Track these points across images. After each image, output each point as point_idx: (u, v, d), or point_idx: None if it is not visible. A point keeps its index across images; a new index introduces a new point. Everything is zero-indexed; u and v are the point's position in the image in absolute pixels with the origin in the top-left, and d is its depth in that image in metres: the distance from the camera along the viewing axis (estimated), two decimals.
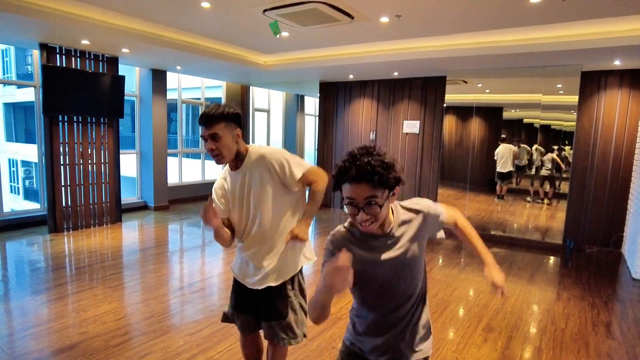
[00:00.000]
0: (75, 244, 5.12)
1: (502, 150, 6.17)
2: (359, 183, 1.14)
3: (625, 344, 3.03)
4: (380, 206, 1.17)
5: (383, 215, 1.21)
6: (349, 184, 1.16)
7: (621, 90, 5.43)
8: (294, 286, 1.96)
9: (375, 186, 1.14)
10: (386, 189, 1.17)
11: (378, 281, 1.31)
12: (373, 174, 1.13)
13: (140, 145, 7.21)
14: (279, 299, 1.91)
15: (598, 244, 5.66)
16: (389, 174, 1.16)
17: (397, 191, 1.22)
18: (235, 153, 1.81)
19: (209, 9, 4.13)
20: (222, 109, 1.73)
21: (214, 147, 1.74)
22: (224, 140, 1.74)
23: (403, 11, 4.02)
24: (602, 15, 3.93)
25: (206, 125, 1.72)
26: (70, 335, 2.89)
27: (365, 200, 1.15)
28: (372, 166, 1.14)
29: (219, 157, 1.77)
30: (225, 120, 1.73)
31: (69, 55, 5.46)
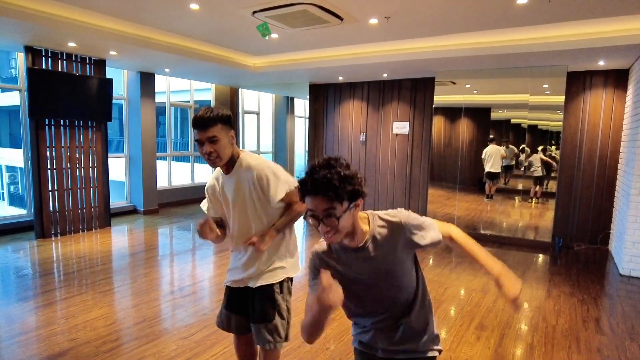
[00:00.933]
0: (63, 250, 5.03)
1: (490, 150, 6.24)
2: (316, 196, 1.17)
3: (615, 339, 3.08)
4: (337, 218, 1.18)
5: (344, 227, 1.21)
6: (308, 196, 1.19)
7: (606, 90, 5.53)
8: (283, 289, 1.97)
9: (330, 199, 1.16)
10: (344, 201, 1.18)
11: (359, 292, 1.33)
12: (328, 188, 1.14)
13: (128, 149, 7.14)
14: (266, 302, 1.92)
15: (586, 242, 5.75)
16: (346, 187, 1.16)
17: (359, 203, 1.23)
18: (230, 155, 1.81)
19: (197, 10, 4.11)
20: (217, 111, 1.72)
21: (211, 150, 1.72)
22: (221, 142, 1.73)
23: (392, 13, 4.04)
24: (586, 17, 4.00)
25: (203, 128, 1.70)
26: (60, 342, 2.84)
27: (323, 212, 1.17)
28: (328, 179, 1.15)
29: (216, 159, 1.76)
30: (222, 122, 1.72)
31: (55, 58, 5.38)
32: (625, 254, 4.54)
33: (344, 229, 1.22)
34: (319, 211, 1.18)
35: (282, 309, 1.95)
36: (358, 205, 1.24)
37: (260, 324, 1.92)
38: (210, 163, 1.77)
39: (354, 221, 1.25)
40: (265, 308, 1.92)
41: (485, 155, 6.28)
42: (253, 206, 1.87)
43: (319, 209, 1.18)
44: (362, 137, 7.52)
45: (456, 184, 6.49)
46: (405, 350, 1.38)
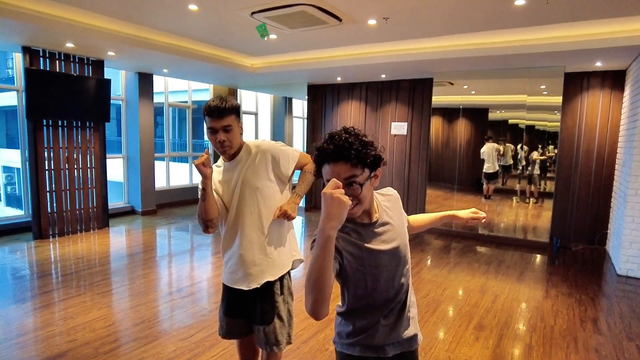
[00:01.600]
0: (61, 251, 5.02)
1: (486, 149, 6.25)
2: (337, 162, 1.13)
3: (612, 339, 3.09)
4: (361, 185, 1.14)
5: (366, 197, 1.18)
6: (328, 164, 1.15)
7: (603, 91, 5.56)
8: (283, 290, 1.94)
9: (353, 164, 1.13)
10: (366, 167, 1.15)
11: (375, 271, 1.26)
12: (350, 149, 1.12)
13: (127, 150, 7.12)
14: (265, 304, 1.90)
15: (583, 242, 5.77)
16: (367, 150, 1.14)
17: (379, 173, 1.21)
18: (239, 144, 1.87)
19: (196, 11, 4.11)
20: (231, 101, 1.78)
21: (225, 138, 1.77)
22: (234, 132, 1.80)
23: (390, 14, 4.05)
24: (584, 18, 4.02)
25: (219, 117, 1.75)
26: (58, 344, 2.83)
27: (345, 181, 1.13)
28: (350, 142, 1.13)
29: (229, 148, 1.81)
30: (235, 113, 1.80)
31: (53, 58, 5.37)
32: (622, 254, 4.56)
33: (366, 200, 1.18)
34: (340, 180, 1.12)
35: (281, 311, 1.92)
36: (377, 176, 1.21)
37: (260, 326, 1.90)
38: (221, 151, 1.82)
39: (371, 195, 1.22)
40: (265, 310, 1.90)
41: (483, 154, 6.29)
42: (257, 190, 1.85)
43: (339, 177, 1.13)
44: None
45: (454, 184, 6.51)
46: (409, 338, 1.36)
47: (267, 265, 1.89)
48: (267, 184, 1.87)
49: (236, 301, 1.97)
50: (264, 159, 1.86)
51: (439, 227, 6.46)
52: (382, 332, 1.31)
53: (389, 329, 1.32)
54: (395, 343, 1.34)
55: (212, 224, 1.85)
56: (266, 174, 1.86)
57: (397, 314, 1.33)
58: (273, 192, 1.89)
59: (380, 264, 1.27)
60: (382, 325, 1.31)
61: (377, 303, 1.30)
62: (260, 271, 1.88)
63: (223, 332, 2.03)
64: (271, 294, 1.91)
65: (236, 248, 1.90)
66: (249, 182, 1.85)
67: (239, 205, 1.87)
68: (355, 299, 1.30)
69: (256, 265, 1.88)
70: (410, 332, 1.36)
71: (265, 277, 1.88)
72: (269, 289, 1.91)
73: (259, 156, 1.86)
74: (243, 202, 1.86)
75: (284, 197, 1.95)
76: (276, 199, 1.90)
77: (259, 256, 1.88)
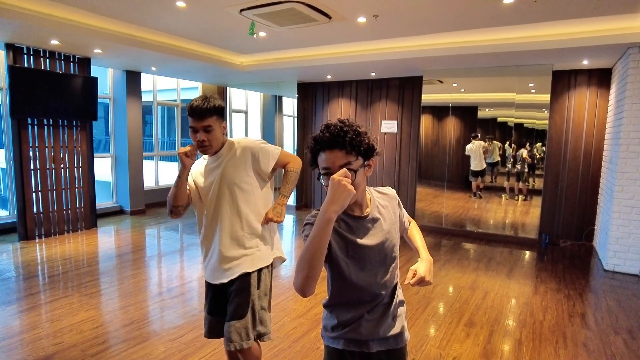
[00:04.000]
0: (48, 252, 4.93)
1: (472, 147, 6.28)
2: (333, 150, 1.19)
3: (600, 333, 3.13)
4: (355, 172, 1.18)
5: (359, 185, 1.22)
6: (323, 152, 1.20)
7: (589, 88, 5.63)
8: (260, 285, 1.93)
9: (348, 152, 1.18)
10: (360, 155, 1.21)
11: (360, 265, 1.28)
12: (345, 137, 1.17)
13: (114, 149, 7.03)
14: (240, 297, 1.88)
15: (571, 238, 5.84)
16: (362, 141, 1.20)
17: (372, 163, 1.26)
18: (220, 144, 1.89)
19: (184, 8, 4.06)
20: (213, 102, 1.80)
21: (205, 138, 1.81)
22: (215, 132, 1.83)
23: (380, 11, 4.05)
24: (571, 17, 4.06)
25: (200, 118, 1.78)
26: (45, 347, 2.78)
27: (339, 168, 1.17)
28: (345, 131, 1.18)
29: (208, 148, 1.84)
30: (217, 114, 1.82)
31: (38, 55, 5.27)
32: (609, 249, 4.62)
33: (360, 188, 1.23)
34: (335, 167, 1.18)
35: (255, 306, 1.89)
36: (371, 166, 1.26)
37: (231, 322, 1.85)
38: (201, 150, 1.85)
39: (364, 185, 1.27)
40: (239, 303, 1.87)
41: (468, 151, 6.32)
42: (237, 185, 1.87)
43: (335, 164, 1.19)
44: None
45: (444, 182, 6.54)
46: (395, 335, 1.37)
47: (245, 259, 1.90)
48: (246, 180, 1.89)
49: (219, 299, 1.97)
50: (243, 156, 1.89)
51: (430, 224, 6.49)
52: (366, 327, 1.33)
53: (373, 324, 1.33)
54: (380, 339, 1.35)
55: (177, 211, 1.90)
56: (245, 171, 1.89)
57: (382, 310, 1.34)
58: (252, 188, 1.91)
59: (363, 257, 1.29)
60: (365, 320, 1.33)
61: (361, 298, 1.32)
62: (237, 264, 1.89)
63: (206, 332, 2.02)
64: (247, 287, 1.89)
65: (216, 244, 1.92)
66: (227, 177, 1.88)
67: (217, 200, 1.89)
68: (339, 291, 1.33)
69: (235, 260, 1.89)
70: (396, 330, 1.37)
71: (243, 269, 1.88)
72: (245, 282, 1.89)
73: (239, 152, 1.89)
74: (222, 197, 1.89)
75: (264, 194, 1.97)
76: (256, 196, 1.92)
77: (239, 251, 1.90)
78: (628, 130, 4.42)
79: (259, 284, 1.92)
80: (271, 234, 2.02)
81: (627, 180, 4.47)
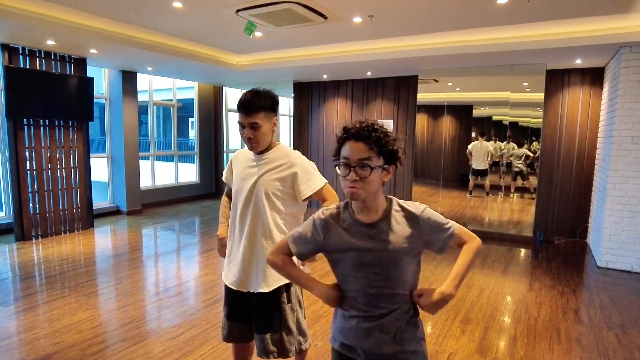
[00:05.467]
0: (45, 252, 4.93)
1: (477, 146, 6.28)
2: (358, 141, 1.21)
3: (593, 329, 3.18)
4: (371, 168, 1.20)
5: (372, 184, 1.22)
6: (348, 142, 1.23)
7: (583, 87, 5.68)
8: (291, 299, 1.85)
9: (371, 147, 1.21)
10: (381, 156, 1.23)
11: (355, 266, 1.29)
12: (371, 135, 1.20)
13: (111, 149, 7.03)
14: (271, 311, 1.81)
15: (566, 235, 5.91)
16: (388, 143, 1.23)
17: (391, 170, 1.27)
18: (269, 142, 1.82)
19: (180, 9, 4.07)
20: (262, 98, 1.73)
21: (252, 135, 1.75)
22: (262, 129, 1.75)
23: (376, 11, 4.08)
24: (564, 17, 4.11)
25: (247, 113, 1.72)
26: (44, 346, 2.79)
27: (358, 160, 1.20)
28: (375, 128, 1.22)
29: (256, 145, 1.78)
30: (265, 110, 1.74)
31: (33, 56, 5.26)
32: (602, 246, 4.68)
33: (371, 187, 1.23)
34: (354, 159, 1.21)
35: (288, 320, 1.81)
36: (390, 171, 1.27)
37: (264, 334, 1.81)
38: (249, 146, 1.81)
39: (378, 188, 1.26)
40: (271, 318, 1.81)
41: (472, 149, 6.31)
42: (277, 195, 1.78)
43: (355, 156, 1.21)
44: None
45: (439, 180, 6.59)
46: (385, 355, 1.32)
47: (271, 271, 1.79)
48: (279, 195, 1.80)
49: (239, 304, 1.90)
50: (287, 171, 1.79)
51: None
52: (354, 334, 1.33)
53: (361, 334, 1.32)
54: (367, 352, 1.33)
55: None
56: (282, 185, 1.79)
57: (373, 323, 1.30)
58: (285, 202, 1.82)
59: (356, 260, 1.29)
60: (354, 327, 1.33)
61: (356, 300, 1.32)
62: (264, 277, 1.80)
63: (225, 336, 1.96)
64: (278, 302, 1.82)
65: (242, 248, 1.84)
66: (263, 184, 1.79)
67: (246, 201, 1.82)
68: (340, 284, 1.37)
69: (260, 270, 1.80)
70: (388, 350, 1.31)
71: (272, 283, 1.80)
72: (275, 296, 1.81)
73: (284, 165, 1.79)
74: (255, 201, 1.81)
75: (293, 213, 1.86)
76: (284, 212, 1.83)
77: (254, 261, 1.81)
78: (620, 128, 4.48)
79: (289, 298, 1.85)
80: None
81: (620, 178, 4.53)
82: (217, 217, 7.00)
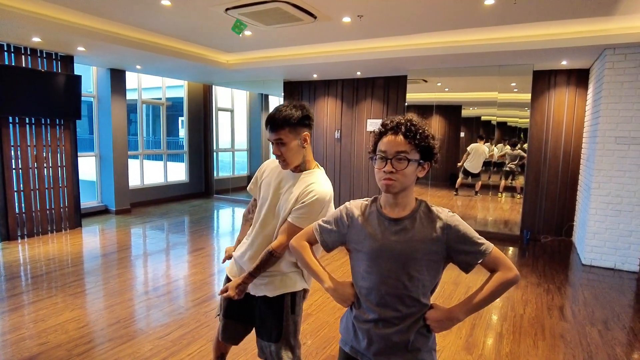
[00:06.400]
0: (31, 252, 4.87)
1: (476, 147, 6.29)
2: (396, 134, 1.24)
3: (577, 325, 3.25)
4: (408, 161, 1.22)
5: (407, 177, 1.24)
6: (386, 136, 1.26)
7: (568, 88, 5.77)
8: (295, 310, 1.80)
9: (409, 141, 1.23)
10: (419, 150, 1.24)
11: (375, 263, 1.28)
12: (411, 130, 1.23)
13: (99, 148, 6.95)
14: (274, 321, 1.78)
15: (552, 234, 6.00)
16: (426, 137, 1.25)
17: (427, 167, 1.29)
18: (302, 158, 1.73)
19: (169, 7, 4.05)
20: (286, 113, 1.65)
21: (279, 152, 1.69)
22: (288, 146, 1.67)
23: (365, 11, 4.10)
24: (549, 18, 4.17)
25: (272, 129, 1.67)
26: (29, 347, 2.76)
27: (396, 153, 1.23)
28: (416, 126, 1.24)
29: (284, 163, 1.72)
30: (290, 125, 1.65)
31: (19, 53, 5.19)
32: (586, 244, 4.77)
33: (406, 180, 1.25)
34: (392, 151, 1.23)
35: (289, 334, 1.77)
36: (425, 168, 1.29)
37: (264, 342, 1.79)
38: (280, 163, 1.75)
39: (411, 184, 1.28)
40: (272, 327, 1.77)
41: (470, 151, 6.34)
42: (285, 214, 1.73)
43: (392, 149, 1.23)
44: (337, 134, 7.58)
45: (428, 180, 6.64)
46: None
47: (278, 277, 1.77)
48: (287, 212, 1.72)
49: (238, 303, 1.86)
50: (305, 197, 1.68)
51: None
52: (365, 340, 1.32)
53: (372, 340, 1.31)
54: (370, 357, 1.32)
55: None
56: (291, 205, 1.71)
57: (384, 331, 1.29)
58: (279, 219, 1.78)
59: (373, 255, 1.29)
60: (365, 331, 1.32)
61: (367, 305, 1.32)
62: (271, 281, 1.77)
63: (222, 336, 1.95)
64: (281, 311, 1.78)
65: (254, 247, 1.80)
66: (282, 203, 1.76)
67: (265, 213, 1.79)
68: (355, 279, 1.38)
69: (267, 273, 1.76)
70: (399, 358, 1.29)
71: (277, 288, 1.77)
72: (280, 304, 1.77)
73: (305, 192, 1.68)
74: (269, 213, 1.78)
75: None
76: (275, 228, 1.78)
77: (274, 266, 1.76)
78: (604, 129, 4.56)
79: (293, 308, 1.80)
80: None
81: (604, 177, 4.62)
82: (206, 217, 6.99)
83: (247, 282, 1.74)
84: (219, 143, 9.19)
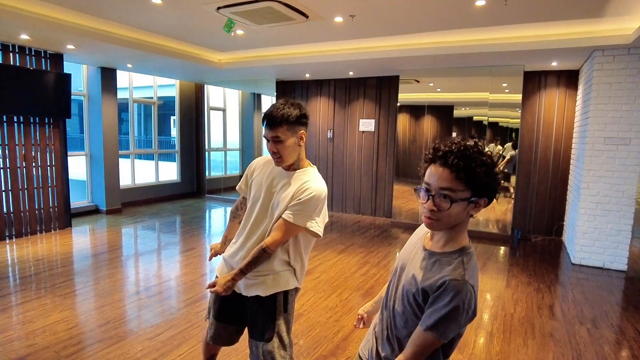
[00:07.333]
0: (19, 252, 4.81)
1: None
2: (444, 168, 1.03)
3: (566, 324, 3.28)
4: (452, 201, 1.02)
5: (450, 218, 1.05)
6: (434, 164, 1.07)
7: (558, 89, 5.83)
8: (287, 308, 1.80)
9: (458, 177, 1.01)
10: (470, 188, 1.02)
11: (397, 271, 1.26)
12: (464, 157, 1.01)
13: (89, 147, 6.89)
14: (267, 320, 1.77)
15: (542, 233, 6.05)
16: (482, 171, 1.01)
17: (482, 203, 1.06)
18: (297, 156, 1.74)
19: (160, 5, 4.02)
20: (284, 111, 1.65)
21: (275, 150, 1.69)
22: (285, 144, 1.68)
23: (357, 11, 4.10)
24: (540, 20, 4.21)
25: (269, 126, 1.67)
26: (17, 349, 2.73)
27: (440, 189, 1.03)
28: (468, 155, 1.01)
29: (280, 160, 1.72)
30: (288, 123, 1.66)
31: (7, 50, 5.12)
32: (576, 244, 4.82)
33: (449, 221, 1.06)
34: (436, 187, 1.04)
35: (282, 333, 1.76)
36: (480, 204, 1.06)
37: (258, 342, 1.78)
38: (275, 160, 1.74)
39: (461, 222, 1.08)
40: (265, 327, 1.76)
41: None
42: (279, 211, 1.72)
43: (437, 184, 1.04)
44: (330, 134, 7.58)
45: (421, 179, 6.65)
46: None
47: (270, 276, 1.76)
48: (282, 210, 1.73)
49: (229, 305, 1.86)
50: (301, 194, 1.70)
51: (407, 221, 6.61)
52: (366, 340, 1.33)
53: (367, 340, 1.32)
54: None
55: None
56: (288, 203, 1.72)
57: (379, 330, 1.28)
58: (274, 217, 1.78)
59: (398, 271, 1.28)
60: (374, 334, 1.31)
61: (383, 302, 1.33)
62: (263, 281, 1.76)
63: (211, 338, 1.93)
64: (273, 310, 1.77)
65: (246, 248, 1.79)
66: (275, 201, 1.75)
67: (258, 212, 1.79)
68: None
69: (259, 273, 1.76)
70: None
71: (270, 288, 1.76)
72: (272, 303, 1.77)
73: (301, 190, 1.70)
74: (270, 216, 1.77)
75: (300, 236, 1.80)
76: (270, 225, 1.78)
77: (265, 264, 1.75)
78: (593, 129, 4.61)
79: (285, 307, 1.79)
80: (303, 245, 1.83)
81: (593, 178, 4.67)
82: (197, 217, 6.96)
83: (236, 279, 1.72)
84: (211, 142, 9.15)
